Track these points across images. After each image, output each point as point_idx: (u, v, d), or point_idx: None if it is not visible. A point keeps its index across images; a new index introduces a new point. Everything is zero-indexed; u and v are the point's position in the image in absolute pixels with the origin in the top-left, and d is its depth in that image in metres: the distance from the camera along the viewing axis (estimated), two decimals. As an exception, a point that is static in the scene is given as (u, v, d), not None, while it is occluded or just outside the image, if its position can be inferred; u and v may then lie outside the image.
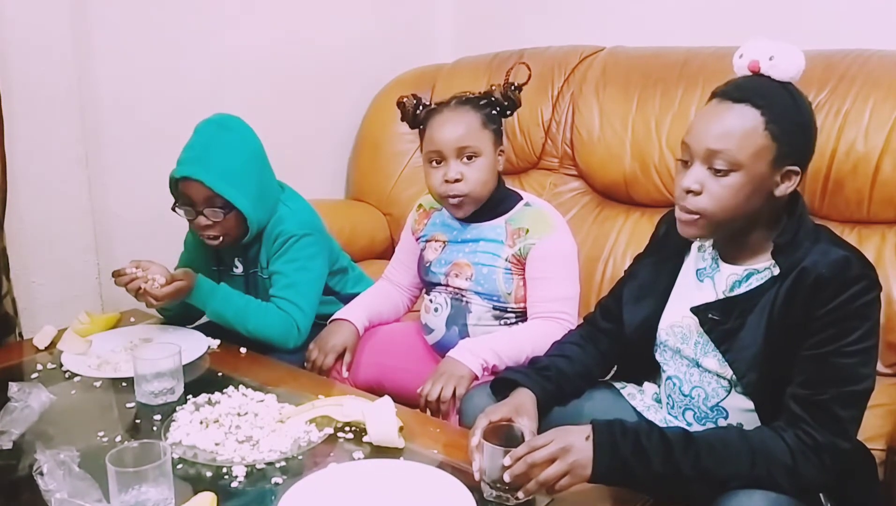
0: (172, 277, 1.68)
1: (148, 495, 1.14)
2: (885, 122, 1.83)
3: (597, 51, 2.40)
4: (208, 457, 1.30)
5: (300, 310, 1.76)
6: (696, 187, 1.24)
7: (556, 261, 1.67)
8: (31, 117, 1.91)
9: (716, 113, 1.25)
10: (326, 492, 1.18)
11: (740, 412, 1.33)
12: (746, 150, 1.21)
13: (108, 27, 2.08)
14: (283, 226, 1.79)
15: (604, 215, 2.26)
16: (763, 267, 1.30)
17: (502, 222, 1.70)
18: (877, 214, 1.86)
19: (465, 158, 1.64)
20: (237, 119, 1.79)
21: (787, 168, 1.24)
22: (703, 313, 1.33)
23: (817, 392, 1.18)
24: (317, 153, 2.67)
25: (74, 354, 1.68)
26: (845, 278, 1.19)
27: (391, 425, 1.33)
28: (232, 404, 1.44)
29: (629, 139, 2.19)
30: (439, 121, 1.66)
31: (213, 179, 1.68)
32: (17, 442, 1.35)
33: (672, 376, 1.41)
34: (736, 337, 1.29)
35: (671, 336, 1.40)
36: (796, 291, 1.22)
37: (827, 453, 1.16)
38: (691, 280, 1.39)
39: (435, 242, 1.77)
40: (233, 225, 1.74)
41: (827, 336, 1.19)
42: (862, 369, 1.19)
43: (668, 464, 1.15)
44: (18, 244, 1.92)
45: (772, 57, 1.24)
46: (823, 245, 1.24)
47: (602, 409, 1.43)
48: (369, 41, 2.74)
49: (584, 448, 1.15)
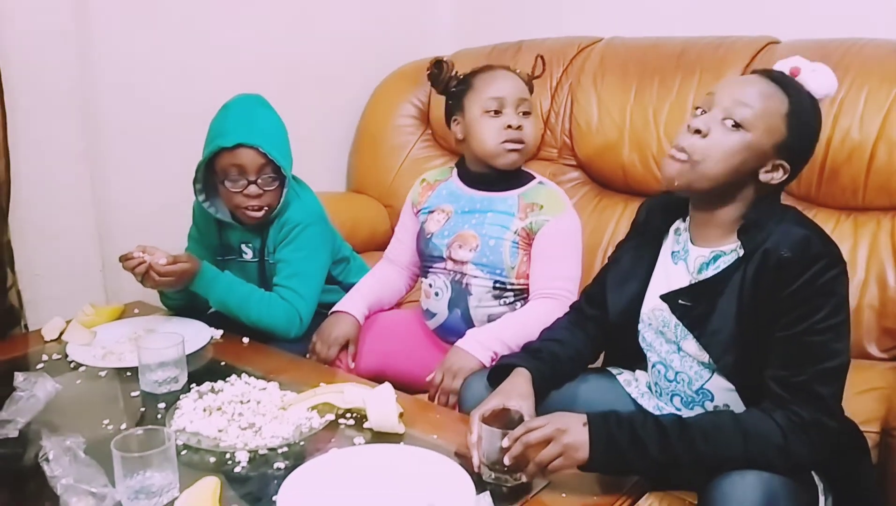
0: (176, 258, 1.69)
1: (153, 480, 1.15)
2: (880, 109, 1.84)
3: (594, 41, 2.40)
4: (212, 443, 1.32)
5: (303, 299, 1.78)
6: (703, 128, 1.28)
7: (566, 240, 1.70)
8: (33, 111, 1.93)
9: (752, 80, 1.32)
10: (328, 477, 1.20)
11: (725, 393, 1.35)
12: (765, 118, 1.26)
13: (109, 20, 2.09)
14: (292, 213, 1.81)
15: (602, 205, 2.28)
16: (730, 249, 1.32)
17: (515, 196, 1.72)
18: (872, 201, 1.87)
19: (521, 113, 1.69)
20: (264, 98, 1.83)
21: (781, 161, 1.28)
22: (672, 300, 1.36)
23: (795, 373, 1.20)
24: (317, 146, 2.68)
25: (79, 345, 1.70)
26: (806, 257, 1.21)
27: (391, 412, 1.35)
28: (235, 392, 1.46)
29: (627, 129, 2.20)
30: (497, 75, 1.72)
31: (268, 145, 1.72)
32: (24, 430, 1.36)
33: (657, 363, 1.43)
34: (708, 321, 1.31)
35: (653, 320, 1.42)
36: (761, 273, 1.25)
37: (814, 430, 1.18)
38: (668, 262, 1.42)
39: (439, 213, 1.78)
40: (276, 196, 1.78)
41: (796, 316, 1.21)
42: (835, 345, 1.21)
43: (665, 451, 1.17)
44: (22, 237, 1.94)
45: (815, 70, 1.32)
46: (785, 225, 1.27)
47: (598, 395, 1.46)
48: (368, 34, 2.75)
49: (579, 431, 1.17)
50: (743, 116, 1.26)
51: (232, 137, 1.71)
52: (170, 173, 1.80)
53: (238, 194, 1.75)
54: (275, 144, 1.74)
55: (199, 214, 1.91)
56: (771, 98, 1.27)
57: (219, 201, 1.84)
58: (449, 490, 1.16)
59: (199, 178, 1.79)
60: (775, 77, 1.30)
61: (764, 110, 1.26)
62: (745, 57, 2.07)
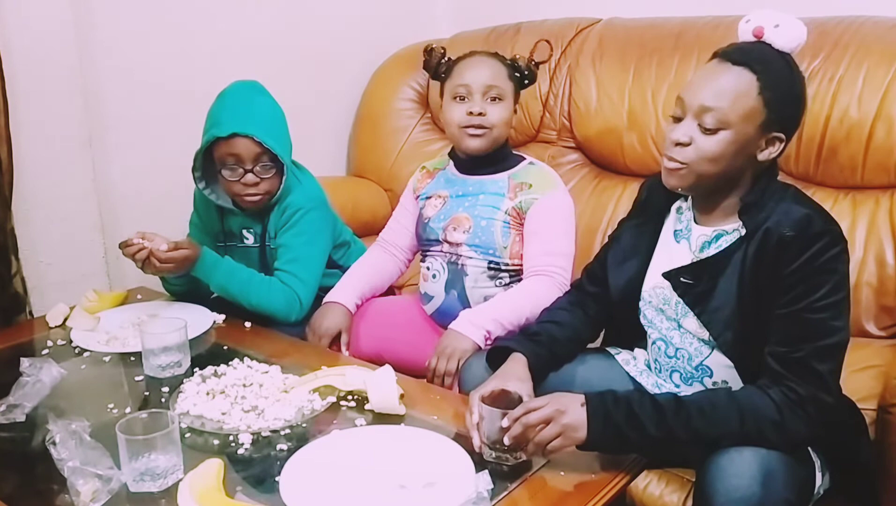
0: (177, 245, 1.70)
1: (157, 462, 1.17)
2: (879, 88, 1.84)
3: (593, 23, 2.40)
4: (215, 426, 1.34)
5: (303, 284, 1.79)
6: (684, 140, 1.28)
7: (556, 217, 1.71)
8: (35, 99, 1.94)
9: (714, 72, 1.29)
10: (330, 458, 1.22)
11: (724, 369, 1.36)
12: (737, 110, 1.25)
13: (110, 7, 2.10)
14: (293, 198, 1.82)
15: (602, 186, 2.28)
16: (731, 228, 1.33)
17: (505, 177, 1.74)
18: (871, 179, 1.88)
19: (489, 99, 1.70)
20: (260, 84, 1.83)
21: (774, 134, 1.28)
22: (674, 278, 1.37)
23: (794, 349, 1.21)
24: (317, 130, 2.69)
25: (84, 331, 1.71)
26: (808, 236, 1.22)
27: (392, 393, 1.36)
28: (237, 375, 1.48)
29: (626, 110, 2.20)
30: (471, 62, 1.74)
31: (263, 134, 1.72)
32: (30, 415, 1.38)
33: (657, 340, 1.44)
34: (709, 299, 1.32)
35: (654, 297, 1.43)
36: (763, 252, 1.26)
37: (811, 406, 1.20)
38: (670, 241, 1.43)
39: (436, 199, 1.80)
40: (275, 183, 1.78)
41: (797, 294, 1.22)
42: (834, 323, 1.22)
43: (662, 428, 1.18)
44: (26, 224, 1.95)
45: (777, 25, 1.28)
46: (786, 204, 1.28)
47: (596, 374, 1.47)
48: (367, 17, 2.75)
49: (577, 412, 1.19)
50: (716, 118, 1.26)
51: (227, 126, 1.72)
52: (172, 159, 1.81)
53: (236, 183, 1.76)
54: (270, 131, 1.74)
55: (200, 201, 1.92)
56: (737, 82, 1.25)
57: (219, 188, 1.85)
58: (449, 469, 1.18)
59: (198, 166, 1.79)
60: (735, 57, 1.27)
61: (733, 103, 1.25)
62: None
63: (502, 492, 1.14)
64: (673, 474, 1.46)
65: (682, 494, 1.43)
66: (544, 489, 1.16)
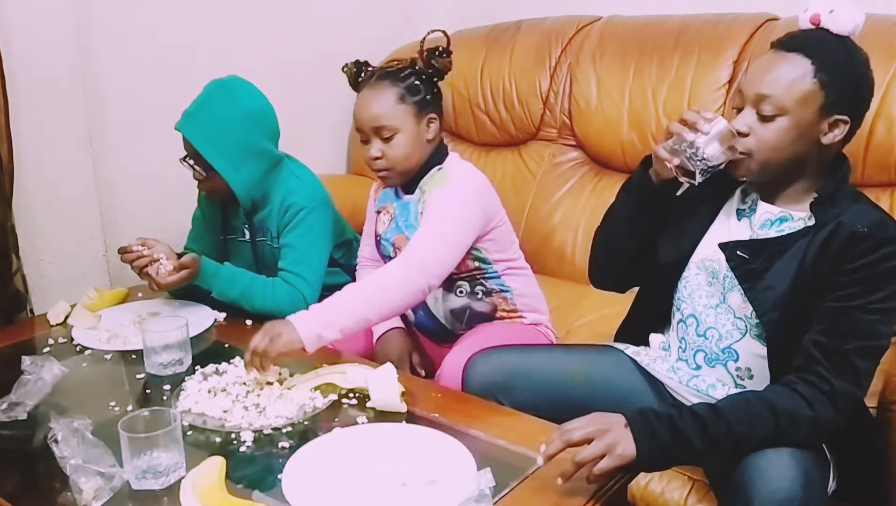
0: (181, 264, 1.71)
1: (159, 460, 1.17)
2: (879, 86, 1.80)
3: (593, 20, 2.40)
4: (217, 424, 1.34)
5: (308, 284, 1.79)
6: (744, 129, 1.30)
7: (436, 211, 1.63)
8: (35, 98, 1.94)
9: (769, 61, 1.31)
10: (332, 455, 1.23)
11: (751, 357, 1.36)
12: (793, 95, 1.27)
13: (110, 7, 2.10)
14: (295, 197, 1.82)
15: (602, 184, 2.28)
16: (798, 216, 1.34)
17: (418, 193, 1.73)
18: (871, 177, 1.87)
19: (383, 137, 1.66)
20: (241, 82, 1.82)
21: (836, 117, 1.28)
22: (731, 250, 1.37)
23: (838, 343, 1.21)
24: (317, 128, 2.69)
25: (85, 329, 1.72)
26: (882, 237, 1.23)
27: (393, 391, 1.37)
28: (239, 373, 1.48)
29: (626, 108, 2.20)
30: (360, 100, 1.69)
31: (194, 136, 1.73)
32: (32, 413, 1.38)
33: (689, 316, 1.44)
34: (761, 277, 1.32)
35: (703, 269, 1.42)
36: (830, 243, 1.26)
37: (841, 399, 1.19)
38: (732, 219, 1.42)
39: (384, 214, 1.81)
40: (221, 183, 1.78)
41: (855, 291, 1.23)
42: (881, 327, 1.23)
43: (706, 440, 1.16)
44: (27, 223, 1.96)
45: (832, 10, 1.30)
46: (861, 206, 1.30)
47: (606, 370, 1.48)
48: (367, 15, 2.75)
49: (623, 431, 1.14)
50: (773, 105, 1.27)
51: (179, 122, 1.76)
52: (172, 157, 1.81)
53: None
54: (206, 135, 1.73)
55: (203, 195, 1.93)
56: (791, 68, 1.27)
57: None
58: (450, 467, 1.18)
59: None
60: (789, 45, 1.30)
61: (788, 89, 1.27)
62: (744, 34, 2.07)
63: (504, 489, 1.14)
64: (674, 472, 1.46)
65: (684, 491, 1.43)
66: (546, 486, 1.16)
